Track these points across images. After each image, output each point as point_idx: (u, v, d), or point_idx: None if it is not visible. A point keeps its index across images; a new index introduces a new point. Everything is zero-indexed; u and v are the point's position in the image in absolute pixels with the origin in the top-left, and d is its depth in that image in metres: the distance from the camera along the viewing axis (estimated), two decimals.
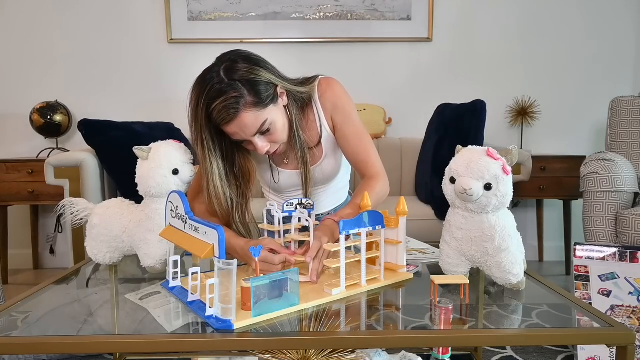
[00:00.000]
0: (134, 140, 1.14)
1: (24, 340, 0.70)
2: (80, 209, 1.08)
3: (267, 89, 1.04)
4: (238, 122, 1.02)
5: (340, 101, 1.21)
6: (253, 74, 1.02)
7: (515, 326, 0.78)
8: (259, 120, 1.03)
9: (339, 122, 1.21)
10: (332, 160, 1.27)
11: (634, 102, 2.22)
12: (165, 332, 0.73)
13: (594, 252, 1.60)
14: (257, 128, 1.04)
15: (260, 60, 1.07)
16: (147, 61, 2.73)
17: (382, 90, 2.76)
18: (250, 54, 1.07)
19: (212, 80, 1.01)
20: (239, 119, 1.01)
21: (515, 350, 1.61)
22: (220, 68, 1.02)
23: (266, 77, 1.05)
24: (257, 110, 1.02)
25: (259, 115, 1.03)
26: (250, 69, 1.03)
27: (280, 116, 1.10)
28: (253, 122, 1.03)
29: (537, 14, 2.73)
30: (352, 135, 1.20)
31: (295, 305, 0.78)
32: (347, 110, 1.21)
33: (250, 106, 1.01)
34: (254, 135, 1.06)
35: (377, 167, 1.20)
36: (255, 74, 1.03)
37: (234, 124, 1.02)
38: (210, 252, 0.74)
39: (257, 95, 1.02)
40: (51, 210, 2.74)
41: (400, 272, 0.97)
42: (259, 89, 1.02)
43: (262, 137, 1.08)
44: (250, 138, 1.06)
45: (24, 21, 2.68)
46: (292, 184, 1.30)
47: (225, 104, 0.99)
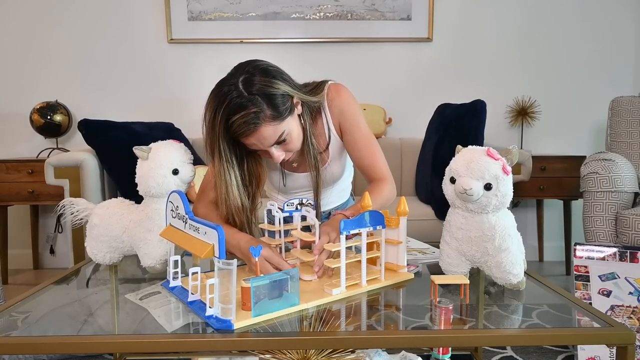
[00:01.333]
0: (134, 140, 1.14)
1: (24, 340, 0.70)
2: (80, 209, 1.08)
3: (284, 102, 1.04)
4: (257, 135, 1.02)
5: (348, 107, 1.22)
6: (272, 87, 1.02)
7: (515, 326, 0.78)
8: (277, 132, 1.04)
9: (346, 127, 1.22)
10: (337, 164, 1.29)
11: (634, 102, 2.22)
12: (165, 332, 0.73)
13: (594, 252, 1.60)
14: (275, 140, 1.05)
15: (277, 71, 1.07)
16: (147, 61, 2.73)
17: (382, 90, 2.76)
18: (268, 66, 1.06)
19: (231, 94, 1.00)
20: (258, 133, 1.02)
21: (515, 350, 1.61)
22: (238, 80, 1.01)
23: (283, 89, 1.04)
24: (276, 124, 1.03)
25: (277, 128, 1.04)
26: (268, 82, 1.02)
27: (296, 126, 1.11)
28: (272, 134, 1.04)
29: (537, 14, 2.73)
30: (359, 140, 1.22)
31: (295, 305, 0.78)
32: (355, 116, 1.23)
33: (269, 120, 1.01)
34: (271, 146, 1.07)
35: (384, 171, 1.22)
36: (274, 87, 1.02)
37: (253, 136, 1.03)
38: (210, 252, 0.74)
39: (276, 109, 1.02)
40: (51, 210, 2.74)
41: (401, 272, 0.97)
42: (277, 102, 1.02)
43: (278, 147, 1.09)
44: (267, 148, 1.07)
45: (24, 21, 2.68)
46: (299, 185, 1.31)
47: (245, 119, 0.99)
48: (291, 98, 1.07)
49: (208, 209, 1.17)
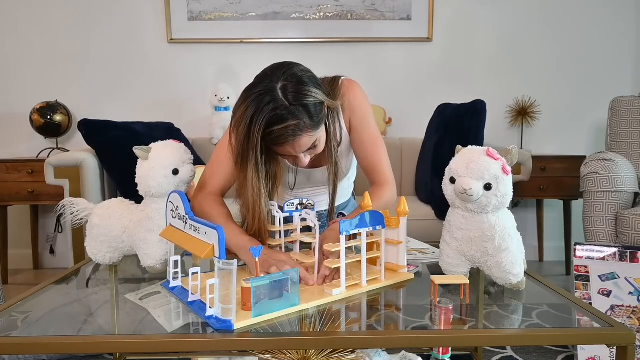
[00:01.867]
0: (134, 140, 1.14)
1: (24, 340, 0.70)
2: (80, 209, 1.08)
3: (320, 111, 1.03)
4: (294, 144, 1.01)
5: (360, 105, 1.21)
6: (310, 96, 0.99)
7: (515, 326, 0.78)
8: (312, 140, 1.04)
9: (356, 125, 1.22)
10: (345, 161, 1.27)
11: (634, 102, 2.22)
12: (165, 332, 0.73)
13: (594, 252, 1.60)
14: (308, 147, 1.05)
15: (312, 78, 1.04)
16: (147, 61, 2.73)
17: (382, 90, 2.76)
18: (304, 72, 1.03)
19: (270, 104, 0.95)
20: (296, 143, 1.01)
21: (515, 350, 1.61)
22: (276, 87, 0.97)
23: (319, 98, 1.02)
24: (313, 133, 1.02)
25: (313, 136, 1.03)
26: (307, 91, 0.99)
27: (324, 131, 1.11)
28: (307, 143, 1.03)
29: (537, 14, 2.73)
30: (367, 141, 1.22)
31: (295, 305, 0.78)
32: (366, 115, 1.22)
33: (308, 130, 1.00)
34: (303, 152, 1.06)
35: (387, 175, 1.22)
36: (312, 97, 1.00)
37: (289, 145, 1.01)
38: (211, 252, 0.74)
39: (313, 119, 1.00)
40: (51, 210, 2.74)
41: (401, 273, 0.97)
42: (315, 111, 1.01)
43: (307, 152, 1.08)
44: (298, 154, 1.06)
45: (24, 21, 2.68)
46: (308, 182, 1.31)
47: (285, 131, 0.97)
48: (324, 105, 1.06)
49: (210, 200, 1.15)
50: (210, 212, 1.12)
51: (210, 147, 2.52)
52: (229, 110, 2.52)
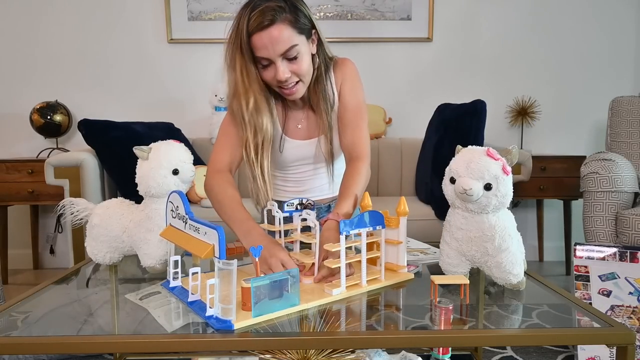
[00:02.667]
0: (134, 140, 1.14)
1: (24, 340, 0.70)
2: (80, 209, 1.08)
3: (305, 22, 1.09)
4: (271, 31, 1.03)
5: (351, 75, 1.25)
6: (299, 2, 1.08)
7: (515, 326, 0.78)
8: (290, 39, 1.06)
9: (344, 94, 1.24)
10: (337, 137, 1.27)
11: (634, 102, 2.22)
12: (165, 332, 0.73)
13: (594, 252, 1.60)
14: (286, 47, 1.06)
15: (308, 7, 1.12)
16: (147, 61, 2.73)
17: (382, 90, 2.76)
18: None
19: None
20: (273, 28, 1.03)
21: (515, 350, 1.61)
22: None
23: (308, 13, 1.10)
24: (291, 29, 1.05)
25: (291, 35, 1.06)
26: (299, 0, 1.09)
27: (307, 55, 1.12)
28: (285, 38, 1.05)
29: (537, 14, 2.73)
30: (351, 107, 1.23)
31: (295, 305, 0.78)
32: (355, 86, 1.25)
33: (287, 21, 1.04)
34: (280, 55, 1.07)
35: (363, 149, 1.20)
36: (301, 4, 1.09)
37: (266, 32, 1.04)
38: (211, 252, 0.74)
39: (296, 18, 1.06)
40: (51, 210, 2.74)
41: (401, 273, 0.97)
42: (300, 15, 1.07)
43: (286, 62, 1.09)
44: (275, 58, 1.07)
45: (24, 21, 2.68)
46: (299, 156, 1.29)
47: (265, 9, 1.02)
48: (312, 27, 1.12)
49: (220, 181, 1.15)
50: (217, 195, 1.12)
51: (210, 147, 2.51)
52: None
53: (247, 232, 1.00)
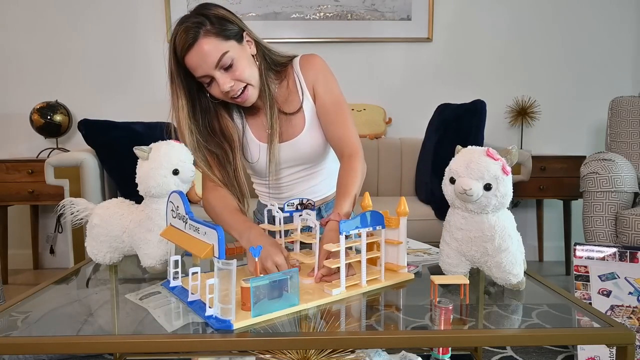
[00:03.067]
0: (134, 140, 1.14)
1: (24, 340, 0.70)
2: (80, 209, 1.08)
3: (231, 27, 1.08)
4: (198, 48, 1.04)
5: (322, 71, 1.22)
6: (220, 12, 1.08)
7: (515, 326, 0.78)
8: (219, 49, 1.05)
9: (319, 91, 1.21)
10: (317, 134, 1.24)
11: (634, 102, 2.22)
12: (165, 332, 0.73)
13: (593, 252, 1.60)
14: (217, 58, 1.05)
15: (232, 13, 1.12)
16: (147, 61, 2.73)
17: (382, 90, 2.76)
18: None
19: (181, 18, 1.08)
20: (199, 44, 1.04)
21: (515, 350, 1.61)
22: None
23: (233, 18, 1.09)
24: (217, 39, 1.05)
25: (219, 44, 1.05)
26: (218, 9, 1.09)
27: (244, 58, 1.11)
28: (213, 50, 1.05)
29: (537, 14, 2.73)
30: (330, 104, 1.20)
31: (295, 305, 0.78)
32: (328, 81, 1.22)
33: (210, 34, 1.05)
34: (215, 67, 1.06)
35: (354, 144, 1.16)
36: (222, 13, 1.08)
37: (194, 51, 1.04)
38: (210, 252, 0.74)
39: (220, 27, 1.06)
40: (51, 210, 2.74)
41: (401, 273, 0.97)
42: (223, 22, 1.07)
43: (224, 73, 1.08)
44: (212, 72, 1.07)
45: (24, 21, 2.68)
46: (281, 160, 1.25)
47: (186, 29, 1.04)
48: (241, 30, 1.11)
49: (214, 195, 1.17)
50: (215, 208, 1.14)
51: None
52: None
53: (246, 229, 1.01)
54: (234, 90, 1.11)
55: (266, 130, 1.22)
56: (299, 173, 1.29)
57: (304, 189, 1.31)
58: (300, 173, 1.30)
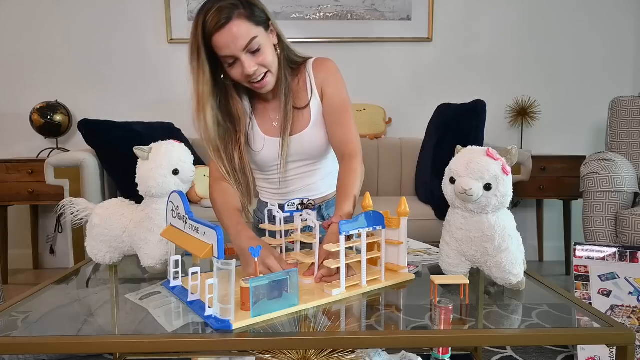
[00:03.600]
0: (134, 140, 1.14)
1: (24, 340, 0.70)
2: (80, 209, 1.08)
3: (261, 14, 1.11)
4: (230, 29, 1.05)
5: (333, 74, 1.26)
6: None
7: (515, 326, 0.78)
8: (250, 33, 1.08)
9: (328, 92, 1.24)
10: (322, 131, 1.26)
11: (634, 102, 2.22)
12: (165, 332, 0.73)
13: (594, 252, 1.60)
14: (246, 41, 1.08)
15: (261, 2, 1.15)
16: (147, 61, 2.73)
17: (382, 90, 2.76)
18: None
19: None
20: (231, 25, 1.05)
21: (515, 350, 1.61)
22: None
23: (262, 6, 1.13)
24: (248, 23, 1.07)
25: (249, 28, 1.08)
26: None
27: (269, 45, 1.14)
28: (244, 33, 1.07)
29: (537, 14, 2.73)
30: (337, 105, 1.24)
31: (294, 305, 0.78)
32: (338, 84, 1.26)
33: (243, 17, 1.07)
34: (243, 50, 1.08)
35: (356, 146, 1.20)
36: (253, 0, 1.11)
37: (225, 30, 1.05)
38: (210, 252, 0.74)
39: (251, 12, 1.08)
40: (51, 210, 2.74)
41: (402, 273, 0.97)
42: (254, 8, 1.09)
43: (250, 56, 1.11)
44: (239, 54, 1.09)
45: (24, 21, 2.68)
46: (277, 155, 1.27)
47: (219, 9, 1.05)
48: (268, 19, 1.14)
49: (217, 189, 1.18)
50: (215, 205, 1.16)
51: None
52: None
53: (236, 234, 1.02)
54: (256, 75, 1.13)
55: (273, 123, 1.26)
56: (300, 169, 1.31)
57: (306, 185, 1.32)
58: (302, 169, 1.31)
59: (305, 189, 1.32)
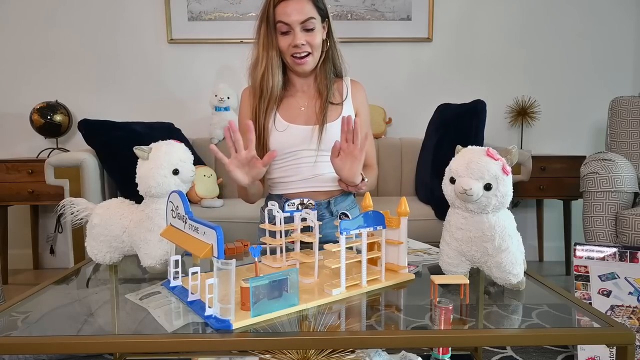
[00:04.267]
0: (134, 140, 1.14)
1: (24, 340, 0.70)
2: (81, 208, 1.08)
3: (322, 7, 1.29)
4: (297, 2, 1.23)
5: (366, 103, 1.48)
6: None
7: (515, 326, 0.78)
8: (310, 12, 1.25)
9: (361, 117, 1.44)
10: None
11: (634, 102, 2.22)
12: (165, 332, 0.73)
13: (594, 252, 1.60)
14: (305, 17, 1.24)
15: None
16: (147, 61, 2.73)
17: (382, 90, 2.76)
18: None
19: None
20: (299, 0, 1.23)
21: (515, 350, 1.61)
22: None
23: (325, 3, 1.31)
24: (311, 4, 1.25)
25: (311, 9, 1.25)
26: None
27: (320, 34, 1.30)
28: (305, 10, 1.24)
29: (537, 14, 2.73)
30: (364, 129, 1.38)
31: (294, 305, 0.78)
32: (367, 112, 1.48)
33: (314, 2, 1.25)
34: (300, 23, 1.24)
35: (373, 160, 1.48)
36: None
37: (293, 2, 1.23)
38: (209, 252, 0.74)
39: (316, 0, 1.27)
40: (51, 210, 2.74)
41: (402, 273, 0.97)
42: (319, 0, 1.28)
43: (302, 32, 1.26)
44: (295, 25, 1.24)
45: (24, 21, 2.68)
46: (297, 141, 1.36)
47: None
48: (327, 14, 1.31)
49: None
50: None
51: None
52: (229, 110, 2.52)
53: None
54: (302, 50, 1.27)
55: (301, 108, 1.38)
56: (318, 157, 1.38)
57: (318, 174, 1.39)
58: (319, 157, 1.38)
59: (320, 178, 1.38)
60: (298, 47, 1.26)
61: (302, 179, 1.39)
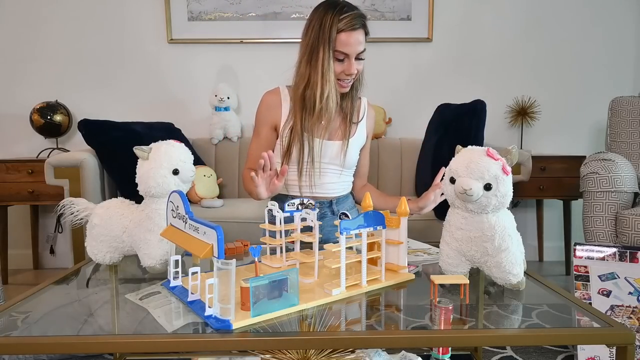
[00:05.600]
0: (134, 140, 1.15)
1: (24, 340, 0.70)
2: (80, 208, 1.08)
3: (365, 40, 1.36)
4: (358, 34, 1.29)
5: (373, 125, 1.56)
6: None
7: (515, 326, 0.78)
8: (364, 44, 1.32)
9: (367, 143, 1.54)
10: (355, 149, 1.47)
11: (634, 102, 2.22)
12: (165, 332, 0.73)
13: (593, 252, 1.60)
14: (362, 49, 1.31)
15: None
16: (147, 61, 2.73)
17: (382, 90, 2.76)
18: None
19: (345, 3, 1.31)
20: (360, 32, 1.29)
21: (515, 350, 1.61)
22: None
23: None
24: (365, 37, 1.32)
25: (364, 42, 1.32)
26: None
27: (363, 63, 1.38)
28: (363, 42, 1.31)
29: (537, 14, 2.73)
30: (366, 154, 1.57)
31: (294, 305, 0.78)
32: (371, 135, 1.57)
33: (365, 30, 1.32)
34: (356, 54, 1.31)
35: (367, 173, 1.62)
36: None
37: (355, 33, 1.28)
38: (209, 251, 0.74)
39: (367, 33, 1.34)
40: (51, 210, 2.74)
41: (402, 273, 0.97)
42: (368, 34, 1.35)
43: (356, 61, 1.33)
44: (352, 55, 1.30)
45: (24, 21, 2.68)
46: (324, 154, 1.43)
47: (358, 14, 1.29)
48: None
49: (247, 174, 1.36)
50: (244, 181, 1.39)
51: (211, 147, 2.52)
52: (229, 110, 2.52)
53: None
54: (352, 76, 1.35)
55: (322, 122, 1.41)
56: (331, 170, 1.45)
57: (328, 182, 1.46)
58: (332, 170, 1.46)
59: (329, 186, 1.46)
60: (351, 75, 1.33)
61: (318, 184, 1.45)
